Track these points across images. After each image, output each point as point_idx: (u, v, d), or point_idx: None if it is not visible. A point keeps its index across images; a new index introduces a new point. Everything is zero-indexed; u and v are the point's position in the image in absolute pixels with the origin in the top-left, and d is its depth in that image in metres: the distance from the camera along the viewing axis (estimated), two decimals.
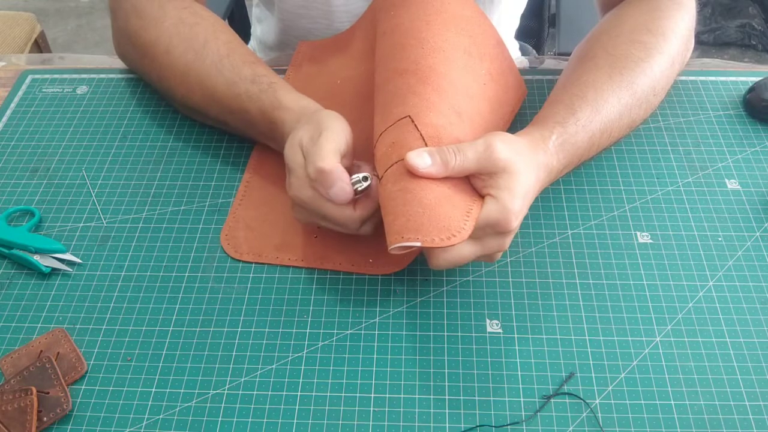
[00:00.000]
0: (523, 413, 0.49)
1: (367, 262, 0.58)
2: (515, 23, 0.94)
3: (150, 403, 0.51)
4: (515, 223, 0.50)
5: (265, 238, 0.60)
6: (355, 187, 0.53)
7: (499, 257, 0.54)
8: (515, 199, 0.50)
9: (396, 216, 0.49)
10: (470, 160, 0.50)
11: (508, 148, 0.50)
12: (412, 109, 0.54)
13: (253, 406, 0.50)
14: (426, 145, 0.52)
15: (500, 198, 0.49)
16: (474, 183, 0.51)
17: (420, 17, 0.61)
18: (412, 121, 0.53)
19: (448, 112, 0.55)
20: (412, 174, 0.50)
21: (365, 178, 0.53)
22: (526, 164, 0.51)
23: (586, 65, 0.61)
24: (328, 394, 0.51)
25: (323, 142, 0.53)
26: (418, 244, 0.47)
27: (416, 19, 0.61)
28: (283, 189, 0.63)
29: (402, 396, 0.51)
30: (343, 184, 0.52)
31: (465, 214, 0.49)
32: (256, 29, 0.95)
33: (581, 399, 0.50)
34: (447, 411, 0.50)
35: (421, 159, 0.50)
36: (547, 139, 0.55)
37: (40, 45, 1.50)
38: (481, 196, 0.51)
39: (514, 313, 0.55)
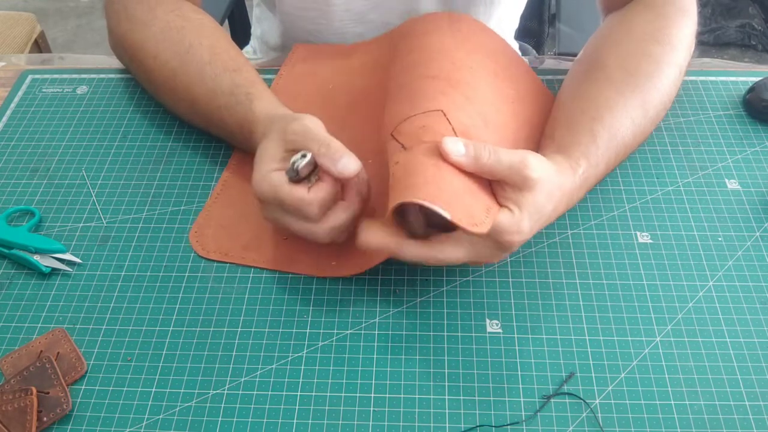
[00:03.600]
0: (523, 413, 0.49)
1: (330, 265, 0.57)
2: (515, 23, 0.94)
3: (150, 403, 0.51)
4: (518, 242, 0.50)
5: (234, 237, 0.60)
6: (296, 165, 0.51)
7: (482, 265, 0.54)
8: (529, 220, 0.50)
9: (426, 182, 0.48)
10: (503, 166, 0.49)
11: (541, 169, 0.50)
12: (444, 106, 0.55)
13: (253, 406, 0.50)
14: (456, 135, 0.52)
15: (515, 214, 0.49)
16: (494, 189, 0.51)
17: (448, 42, 0.63)
18: (445, 115, 0.54)
19: (476, 116, 0.56)
20: (444, 158, 0.50)
21: (303, 155, 0.52)
22: (550, 192, 0.51)
23: (599, 79, 0.61)
24: (328, 394, 0.51)
25: (308, 122, 0.54)
26: (448, 216, 0.46)
27: (445, 42, 0.63)
28: None
29: (402, 396, 0.50)
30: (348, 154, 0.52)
31: (485, 210, 0.49)
32: (257, 29, 0.95)
33: (581, 399, 0.50)
34: (447, 411, 0.50)
35: (455, 146, 0.49)
36: (576, 172, 0.55)
37: (40, 45, 1.50)
38: (498, 203, 0.51)
39: (514, 313, 0.55)
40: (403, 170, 0.50)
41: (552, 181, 0.52)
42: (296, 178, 0.52)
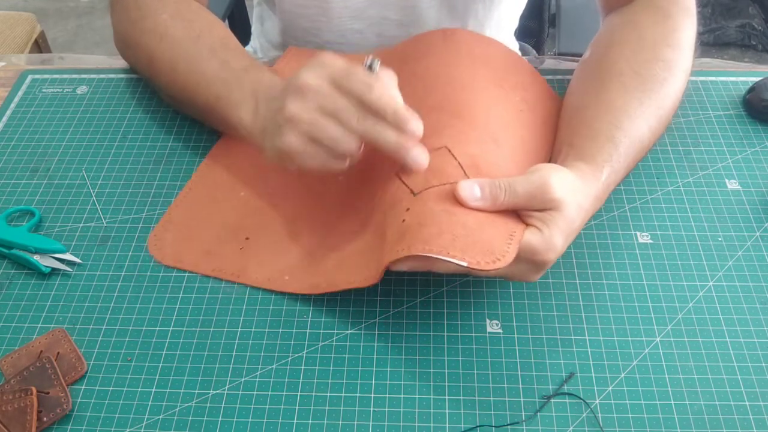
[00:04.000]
0: (523, 413, 0.49)
1: (282, 279, 0.57)
2: (515, 23, 0.94)
3: (150, 403, 0.51)
4: (553, 259, 0.50)
5: (190, 243, 0.59)
6: (374, 61, 0.52)
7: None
8: (561, 236, 0.50)
9: (441, 231, 0.48)
10: (521, 197, 0.49)
11: (564, 187, 0.50)
12: (448, 140, 0.54)
13: (253, 406, 0.50)
14: (464, 172, 0.52)
15: (545, 232, 0.49)
16: (519, 211, 0.51)
17: (446, 62, 0.63)
18: (450, 151, 0.53)
19: (485, 140, 0.56)
20: (460, 203, 0.50)
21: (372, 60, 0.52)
22: (579, 205, 0.51)
23: (614, 85, 0.60)
24: (328, 394, 0.51)
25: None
26: (465, 264, 0.46)
27: (442, 64, 0.63)
28: (222, 197, 0.62)
29: (402, 396, 0.50)
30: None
31: (508, 237, 0.49)
32: (258, 28, 0.96)
33: (581, 399, 0.50)
34: (447, 411, 0.50)
35: (471, 191, 0.49)
36: (599, 179, 0.55)
37: (40, 45, 1.50)
38: (524, 222, 0.50)
39: (514, 313, 0.55)
40: (415, 218, 0.50)
41: (579, 193, 0.52)
42: None
